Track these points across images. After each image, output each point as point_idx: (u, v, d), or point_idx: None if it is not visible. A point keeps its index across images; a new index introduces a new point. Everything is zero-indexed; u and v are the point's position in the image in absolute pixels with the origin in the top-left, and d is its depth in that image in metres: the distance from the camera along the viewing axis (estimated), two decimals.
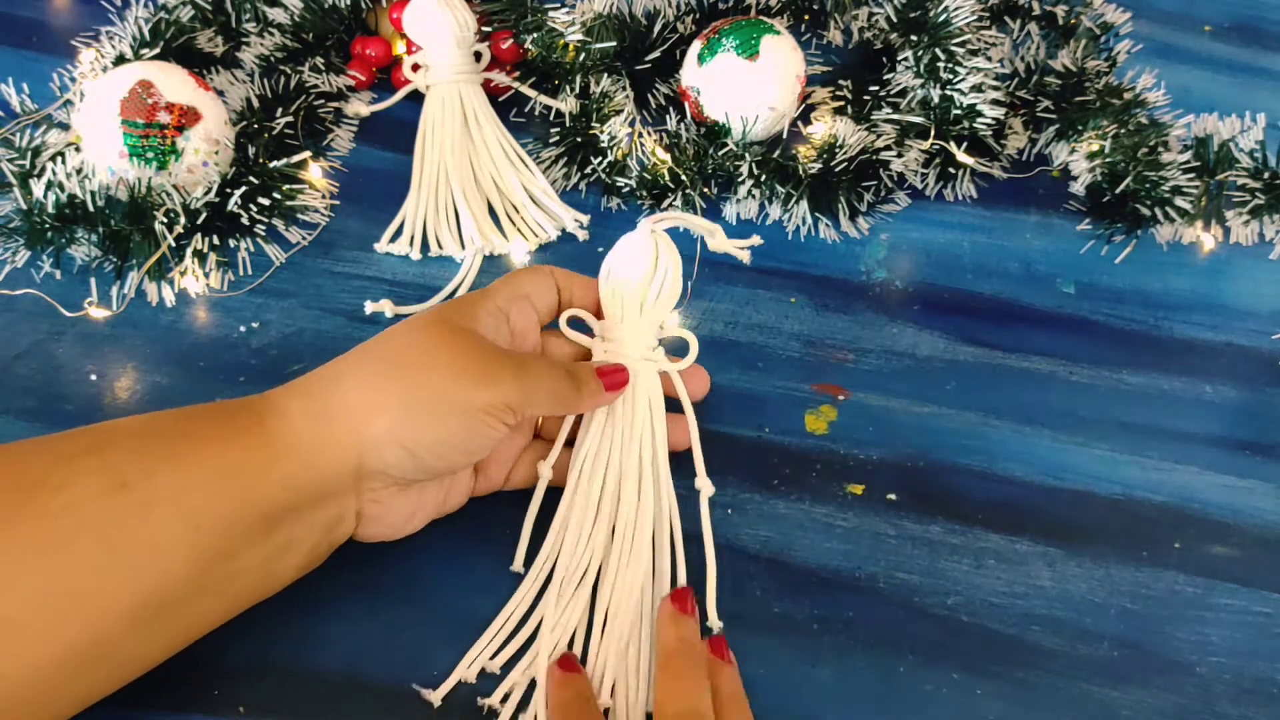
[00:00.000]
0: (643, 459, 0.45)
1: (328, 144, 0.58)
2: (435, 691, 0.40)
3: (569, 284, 0.46)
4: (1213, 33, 0.70)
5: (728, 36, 0.56)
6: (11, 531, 0.32)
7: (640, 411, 0.46)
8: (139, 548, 0.34)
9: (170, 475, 0.35)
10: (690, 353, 0.48)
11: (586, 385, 0.43)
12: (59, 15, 0.63)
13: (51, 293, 0.51)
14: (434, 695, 0.40)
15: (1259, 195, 0.57)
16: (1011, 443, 0.50)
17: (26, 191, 0.51)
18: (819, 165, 0.57)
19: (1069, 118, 0.60)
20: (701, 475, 0.46)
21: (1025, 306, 0.55)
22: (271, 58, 0.58)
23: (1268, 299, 0.57)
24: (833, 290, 0.55)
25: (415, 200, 0.56)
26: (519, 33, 0.59)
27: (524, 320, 0.44)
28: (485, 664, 0.41)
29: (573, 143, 0.57)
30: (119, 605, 0.33)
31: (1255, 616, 0.46)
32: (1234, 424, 0.52)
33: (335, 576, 0.43)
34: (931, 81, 0.58)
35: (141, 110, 0.50)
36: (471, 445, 0.40)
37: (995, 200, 0.59)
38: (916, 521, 0.47)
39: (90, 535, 0.33)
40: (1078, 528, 0.48)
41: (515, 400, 0.39)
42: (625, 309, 0.46)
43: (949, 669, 0.43)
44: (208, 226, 0.52)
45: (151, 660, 0.37)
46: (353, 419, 0.38)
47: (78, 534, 0.33)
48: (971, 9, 0.58)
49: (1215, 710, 0.43)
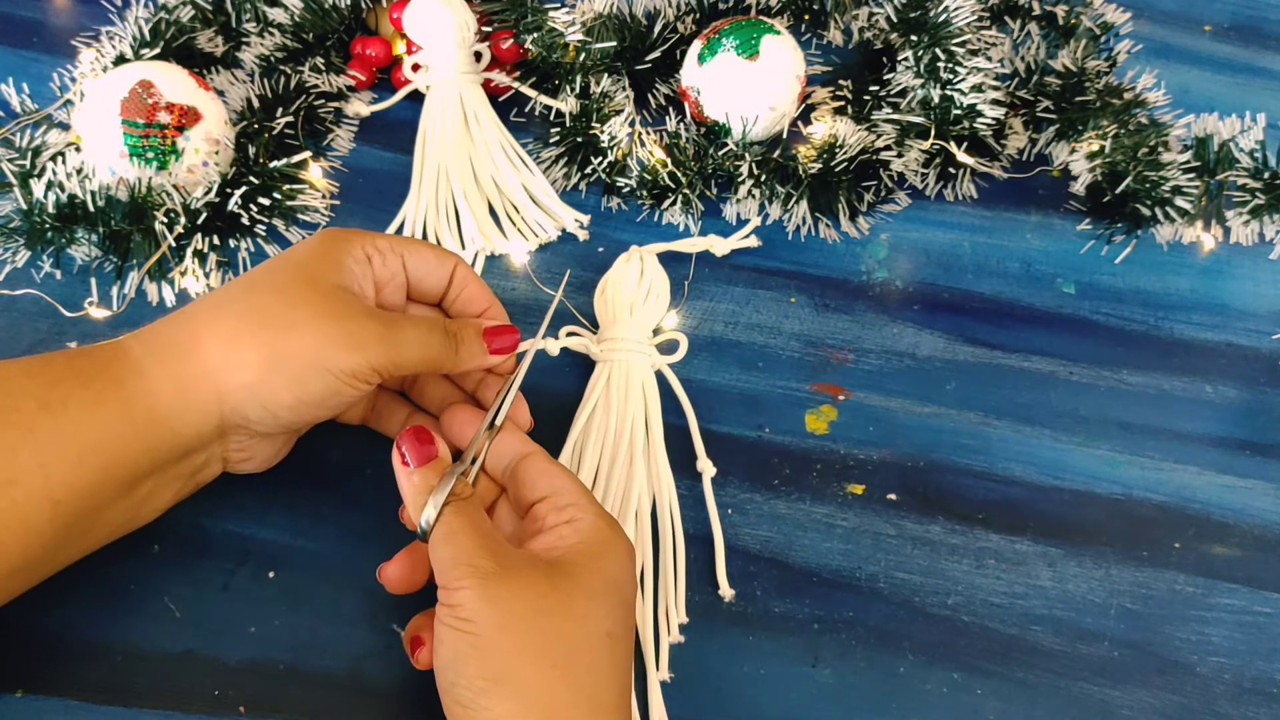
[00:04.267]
0: (635, 441, 0.47)
1: (328, 144, 0.58)
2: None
3: (466, 279, 0.44)
4: (1213, 33, 0.70)
5: (728, 36, 0.56)
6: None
7: (634, 399, 0.48)
8: (4, 530, 0.34)
9: (31, 453, 0.34)
10: (680, 350, 0.51)
11: (466, 345, 0.42)
12: (59, 15, 0.63)
13: (52, 293, 0.51)
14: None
15: (1259, 195, 0.57)
16: (1011, 443, 0.50)
17: (27, 191, 0.51)
18: (819, 165, 0.57)
19: (1069, 118, 0.60)
20: (703, 457, 0.48)
21: (1025, 306, 0.55)
22: (271, 58, 0.58)
23: (1268, 299, 0.57)
24: (833, 290, 0.55)
25: (415, 200, 0.56)
26: (519, 33, 0.59)
27: (386, 274, 0.42)
28: None
29: (573, 143, 0.57)
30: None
31: (1255, 616, 0.46)
32: (1234, 424, 0.52)
33: (336, 578, 0.43)
34: (932, 81, 0.58)
35: (142, 110, 0.50)
36: (332, 403, 0.39)
37: (995, 200, 0.59)
38: (917, 521, 0.47)
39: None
40: (1078, 528, 0.48)
41: (381, 362, 0.39)
42: (618, 312, 0.50)
43: (949, 669, 0.43)
44: (208, 226, 0.52)
45: (7, 599, 0.37)
46: (213, 379, 0.37)
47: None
48: (971, 9, 0.58)
49: (1215, 710, 0.43)
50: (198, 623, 0.42)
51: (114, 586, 0.42)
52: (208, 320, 0.38)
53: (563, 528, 0.38)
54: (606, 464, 0.46)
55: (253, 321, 0.38)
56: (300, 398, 0.38)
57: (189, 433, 0.38)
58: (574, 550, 0.37)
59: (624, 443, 0.47)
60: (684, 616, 0.44)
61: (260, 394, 0.38)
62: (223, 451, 0.41)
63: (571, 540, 0.37)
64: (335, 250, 0.40)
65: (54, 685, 0.40)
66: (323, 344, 0.38)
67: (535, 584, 0.35)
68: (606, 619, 0.36)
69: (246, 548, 0.44)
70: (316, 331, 0.38)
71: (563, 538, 0.38)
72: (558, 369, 0.50)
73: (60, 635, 0.41)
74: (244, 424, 0.39)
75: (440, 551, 0.36)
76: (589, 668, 0.35)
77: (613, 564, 0.37)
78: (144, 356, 0.38)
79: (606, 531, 0.38)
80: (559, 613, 0.35)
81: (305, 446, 0.45)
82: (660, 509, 0.46)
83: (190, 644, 0.41)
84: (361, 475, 0.46)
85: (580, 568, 0.36)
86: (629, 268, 0.51)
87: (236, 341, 0.38)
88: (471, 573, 0.35)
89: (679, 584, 0.44)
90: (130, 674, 0.40)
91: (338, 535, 0.45)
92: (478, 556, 0.35)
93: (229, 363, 0.37)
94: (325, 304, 0.38)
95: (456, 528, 0.36)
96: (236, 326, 0.38)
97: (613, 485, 0.46)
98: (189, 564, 0.43)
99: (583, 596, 0.36)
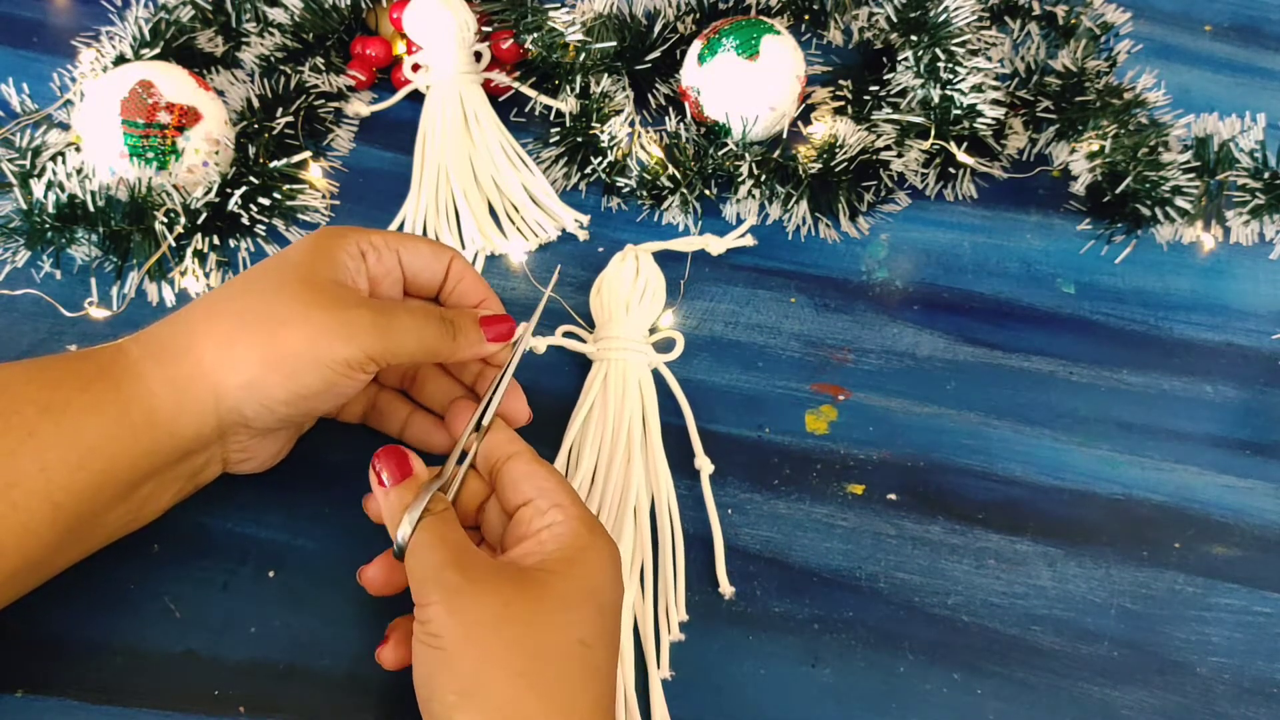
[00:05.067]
0: (632, 439, 0.47)
1: (328, 144, 0.58)
2: None
3: (462, 272, 0.44)
4: (1213, 33, 0.70)
5: (728, 36, 0.56)
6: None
7: (631, 398, 0.48)
8: (6, 532, 0.34)
9: (31, 458, 0.35)
10: (677, 348, 0.51)
11: (464, 333, 0.41)
12: (59, 15, 0.63)
13: (52, 293, 0.51)
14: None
15: (1259, 195, 0.57)
16: (1011, 443, 0.50)
17: (27, 191, 0.51)
18: (819, 165, 0.57)
19: (1069, 118, 0.60)
20: (700, 455, 0.48)
21: (1025, 306, 0.55)
22: (271, 58, 0.58)
23: (1268, 299, 0.57)
24: (833, 290, 0.55)
25: (415, 200, 0.56)
26: (519, 33, 0.59)
27: (381, 269, 0.42)
28: None
29: (573, 143, 0.57)
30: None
31: (1255, 616, 0.46)
32: (1234, 424, 0.52)
33: (336, 578, 0.43)
34: (931, 81, 0.58)
35: (142, 110, 0.50)
36: (329, 395, 0.39)
37: (995, 200, 0.59)
38: (917, 521, 0.47)
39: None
40: (1078, 528, 0.48)
41: (376, 350, 0.38)
42: (614, 311, 0.50)
43: (949, 669, 0.43)
44: (208, 226, 0.52)
45: (7, 602, 0.37)
46: (210, 381, 0.37)
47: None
48: (971, 9, 0.58)
49: (1215, 710, 0.43)
50: (198, 623, 0.42)
51: (114, 587, 0.42)
52: (204, 321, 0.39)
53: (543, 533, 0.38)
54: (604, 463, 0.46)
55: (247, 320, 0.38)
56: (297, 392, 0.38)
57: (187, 434, 0.38)
58: (551, 557, 0.37)
59: (621, 441, 0.47)
60: (684, 614, 0.44)
61: (257, 391, 0.38)
62: (222, 452, 0.41)
63: (550, 546, 0.37)
64: (330, 247, 0.40)
65: (54, 685, 0.40)
66: (317, 336, 0.37)
67: (501, 593, 0.35)
68: (579, 626, 0.35)
69: (246, 547, 0.44)
70: (310, 324, 0.37)
71: (542, 543, 0.37)
72: (554, 368, 0.50)
73: (60, 636, 0.41)
74: (242, 422, 0.39)
75: (411, 568, 0.37)
76: (559, 676, 0.34)
77: (590, 570, 0.37)
78: (142, 359, 0.38)
79: (586, 536, 0.38)
80: (524, 620, 0.35)
81: (305, 446, 0.45)
82: (659, 508, 0.46)
83: (190, 644, 0.41)
84: (361, 475, 0.46)
85: (555, 574, 0.36)
86: (624, 267, 0.51)
87: (232, 341, 0.38)
88: (438, 587, 0.35)
89: (679, 582, 0.44)
90: (130, 674, 0.40)
91: (338, 535, 0.45)
92: (445, 570, 0.35)
93: (225, 362, 0.37)
94: (318, 297, 0.38)
95: (425, 543, 0.37)
96: (231, 326, 0.38)
97: (610, 484, 0.46)
98: (189, 564, 0.43)
99: (553, 603, 0.35)
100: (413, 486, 0.39)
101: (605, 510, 0.45)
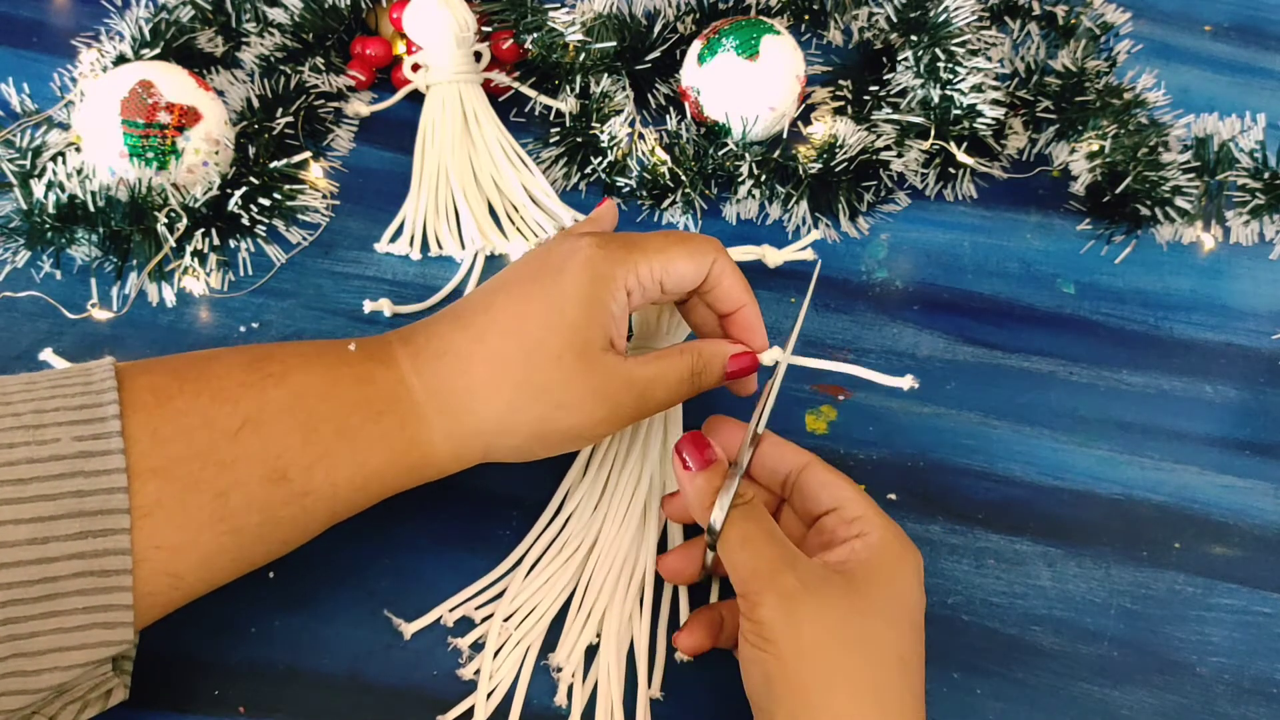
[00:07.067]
0: (649, 441, 0.47)
1: (328, 144, 0.58)
2: (409, 625, 0.42)
3: (722, 273, 0.42)
4: (1213, 33, 0.70)
5: (728, 36, 0.56)
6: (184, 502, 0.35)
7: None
8: (292, 528, 0.38)
9: (324, 475, 0.37)
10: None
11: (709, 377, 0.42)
12: (59, 15, 0.63)
13: (52, 293, 0.51)
14: (407, 628, 0.42)
15: (1259, 195, 0.57)
16: (1011, 443, 0.50)
17: (27, 192, 0.51)
18: (819, 165, 0.57)
19: (1069, 118, 0.60)
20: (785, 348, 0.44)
21: (1025, 306, 0.55)
22: (271, 58, 0.58)
23: (1268, 299, 0.57)
24: (833, 290, 0.55)
25: (415, 200, 0.56)
26: (519, 33, 0.59)
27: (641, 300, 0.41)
28: (468, 611, 0.43)
29: (573, 143, 0.57)
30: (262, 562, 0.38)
31: (1255, 616, 0.46)
32: (1234, 424, 0.52)
33: (336, 578, 0.43)
34: (931, 81, 0.58)
35: (142, 110, 0.50)
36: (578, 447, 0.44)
37: (995, 200, 0.59)
38: (916, 521, 0.47)
39: (256, 516, 0.36)
40: (1078, 528, 0.48)
41: (631, 422, 0.41)
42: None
43: (949, 669, 0.43)
44: (208, 227, 0.52)
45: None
46: (484, 439, 0.40)
47: (246, 513, 0.36)
48: (971, 9, 0.58)
49: (1215, 710, 0.43)
50: (198, 623, 0.42)
51: None
52: (485, 380, 0.39)
53: (854, 542, 0.38)
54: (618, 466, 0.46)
55: (528, 395, 0.39)
56: (552, 452, 0.41)
57: (450, 470, 0.41)
58: (866, 566, 0.37)
59: (639, 441, 0.47)
60: (685, 613, 0.43)
61: (523, 453, 0.41)
62: None
63: (864, 556, 0.37)
64: (602, 299, 0.39)
65: None
66: (588, 424, 0.40)
67: (835, 605, 0.35)
68: (899, 643, 0.36)
69: None
70: (585, 413, 0.39)
71: (855, 552, 0.37)
72: None
73: None
74: (501, 459, 0.42)
75: (737, 557, 0.37)
76: (896, 696, 0.35)
77: (908, 584, 0.37)
78: (425, 401, 0.39)
79: (897, 546, 0.38)
80: (859, 637, 0.35)
81: None
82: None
83: (190, 644, 0.41)
84: None
85: (874, 586, 0.36)
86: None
87: (512, 411, 0.39)
88: (773, 588, 0.35)
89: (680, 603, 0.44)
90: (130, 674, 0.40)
91: (338, 535, 0.44)
92: (779, 570, 0.36)
93: (502, 429, 0.40)
94: (594, 380, 0.39)
95: (752, 534, 0.37)
96: (514, 396, 0.39)
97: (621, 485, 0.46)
98: None
99: (878, 619, 0.36)
100: (719, 471, 0.39)
101: (615, 511, 0.45)
